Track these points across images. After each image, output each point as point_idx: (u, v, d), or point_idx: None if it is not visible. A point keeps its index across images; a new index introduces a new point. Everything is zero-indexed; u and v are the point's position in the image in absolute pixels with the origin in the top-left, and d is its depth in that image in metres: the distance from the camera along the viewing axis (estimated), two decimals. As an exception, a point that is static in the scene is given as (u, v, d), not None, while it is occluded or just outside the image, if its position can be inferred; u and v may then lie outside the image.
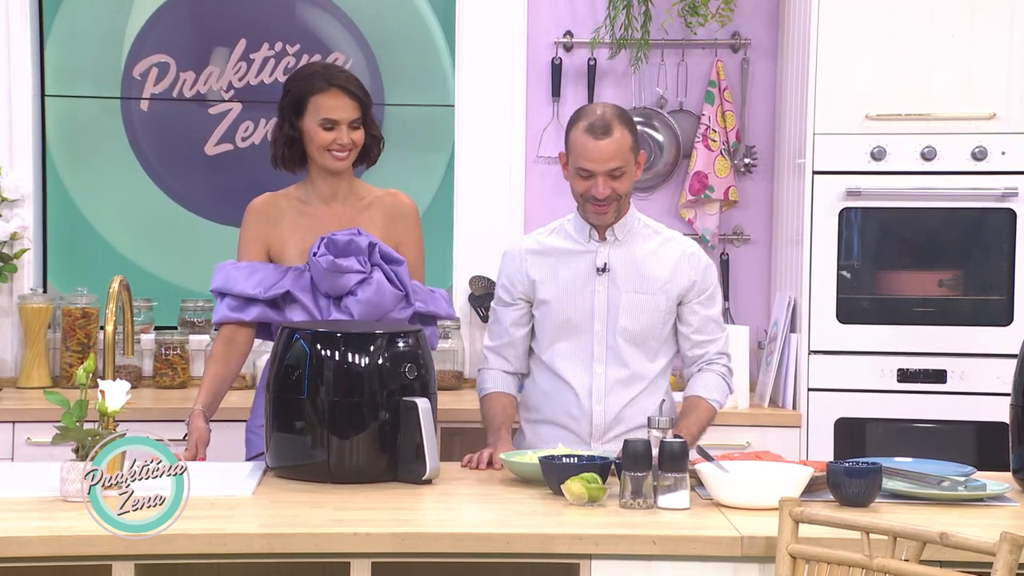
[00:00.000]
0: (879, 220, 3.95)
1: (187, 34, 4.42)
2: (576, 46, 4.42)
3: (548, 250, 3.14)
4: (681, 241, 3.17)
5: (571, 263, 3.11)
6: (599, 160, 2.98)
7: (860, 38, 3.87)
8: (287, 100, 3.13)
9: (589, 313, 3.10)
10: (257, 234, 3.17)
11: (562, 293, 3.11)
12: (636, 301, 3.08)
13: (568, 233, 3.14)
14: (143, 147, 4.45)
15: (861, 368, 3.91)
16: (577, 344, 3.10)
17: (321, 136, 3.08)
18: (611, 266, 3.09)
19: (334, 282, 3.08)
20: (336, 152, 3.11)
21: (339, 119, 3.08)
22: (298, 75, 3.17)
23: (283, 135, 3.13)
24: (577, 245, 3.12)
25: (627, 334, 3.09)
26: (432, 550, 2.41)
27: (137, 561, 2.36)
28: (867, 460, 2.76)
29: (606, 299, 3.09)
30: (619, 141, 2.99)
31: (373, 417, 2.79)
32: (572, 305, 3.10)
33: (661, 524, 2.49)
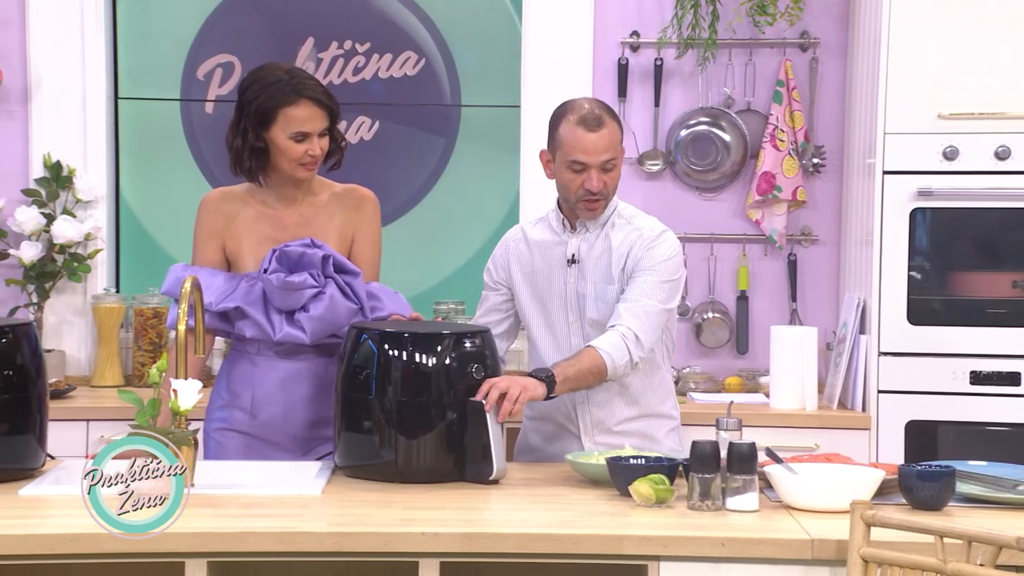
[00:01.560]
0: (951, 220, 3.90)
1: (252, 32, 4.45)
2: (643, 46, 4.40)
3: (529, 240, 3.15)
4: (646, 228, 3.07)
5: (547, 254, 3.12)
6: (594, 152, 2.98)
7: (932, 36, 3.82)
8: (251, 110, 2.97)
9: (562, 304, 3.10)
10: (212, 231, 3.06)
11: (538, 284, 3.12)
12: (601, 292, 3.07)
13: (549, 224, 3.15)
14: (202, 149, 4.49)
15: (932, 370, 3.86)
16: (556, 335, 3.11)
17: (293, 149, 2.96)
18: (580, 257, 3.08)
19: (286, 298, 2.97)
20: (307, 163, 2.99)
21: (310, 131, 2.97)
22: (261, 83, 2.98)
23: (247, 146, 2.98)
24: (553, 236, 3.12)
25: (596, 325, 3.07)
26: (500, 550, 2.41)
27: (210, 559, 2.39)
28: (940, 463, 2.72)
29: (576, 290, 3.09)
30: (611, 133, 2.99)
31: (440, 417, 2.80)
32: (548, 296, 3.11)
33: (730, 526, 2.48)
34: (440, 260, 4.51)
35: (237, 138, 3.01)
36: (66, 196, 4.31)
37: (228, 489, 2.70)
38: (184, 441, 2.66)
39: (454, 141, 4.50)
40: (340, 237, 3.10)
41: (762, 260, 4.42)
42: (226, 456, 3.04)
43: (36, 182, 4.32)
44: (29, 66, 4.32)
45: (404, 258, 4.43)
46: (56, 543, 2.36)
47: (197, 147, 4.51)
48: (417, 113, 4.48)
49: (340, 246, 3.09)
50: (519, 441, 3.23)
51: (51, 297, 4.31)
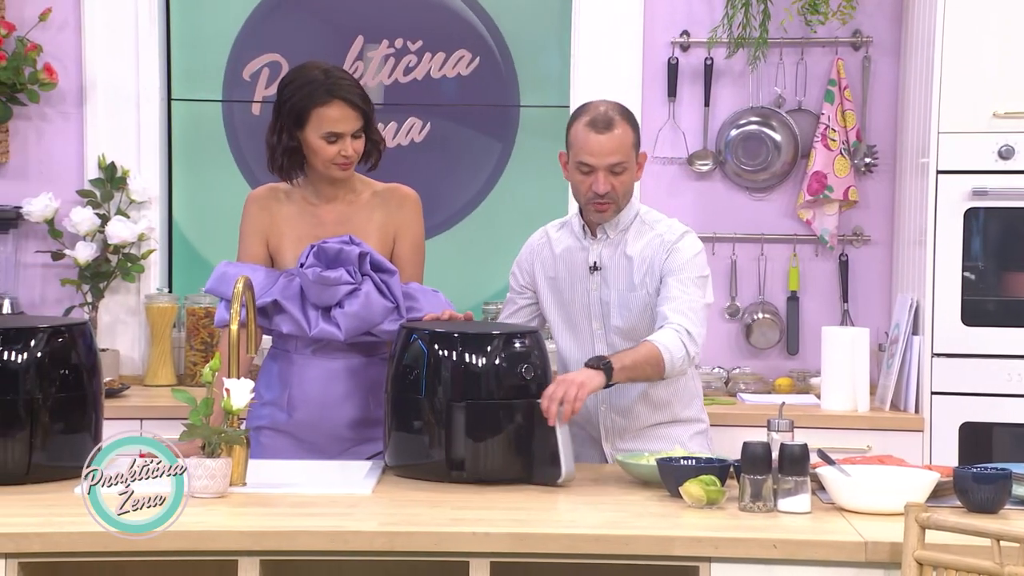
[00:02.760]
0: (1006, 220, 3.85)
1: (301, 31, 4.45)
2: (693, 46, 4.38)
3: (552, 245, 3.13)
4: (667, 232, 3.05)
5: (569, 260, 3.10)
6: (600, 154, 2.96)
7: (986, 34, 3.78)
8: (287, 109, 3.00)
9: (586, 312, 3.08)
10: (257, 227, 3.08)
11: (562, 291, 3.10)
12: (625, 299, 3.05)
13: (572, 230, 3.13)
14: (243, 151, 4.51)
15: (987, 371, 3.82)
16: (580, 342, 3.09)
17: (325, 150, 2.98)
18: (602, 264, 3.07)
19: (321, 293, 2.98)
20: (341, 163, 3.01)
21: (343, 132, 2.98)
22: (297, 82, 3.01)
23: (282, 146, 3.02)
24: (575, 242, 3.11)
25: (621, 332, 3.06)
26: (550, 550, 2.41)
27: (262, 557, 2.41)
28: (996, 466, 2.69)
29: (599, 298, 3.07)
30: (620, 136, 2.96)
31: (494, 417, 2.79)
32: (571, 303, 3.09)
33: (782, 528, 2.46)
34: (497, 269, 4.49)
35: (273, 136, 3.04)
36: (120, 197, 4.36)
37: (279, 488, 2.72)
38: (236, 440, 2.68)
39: (512, 144, 4.49)
40: (381, 236, 3.11)
41: (813, 260, 4.39)
42: (264, 455, 3.04)
43: (91, 183, 4.36)
44: (84, 68, 4.37)
45: (458, 267, 4.42)
46: (111, 541, 2.39)
47: (239, 148, 4.53)
48: (472, 114, 4.46)
49: (380, 245, 3.09)
50: None
51: (105, 297, 4.36)
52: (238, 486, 2.69)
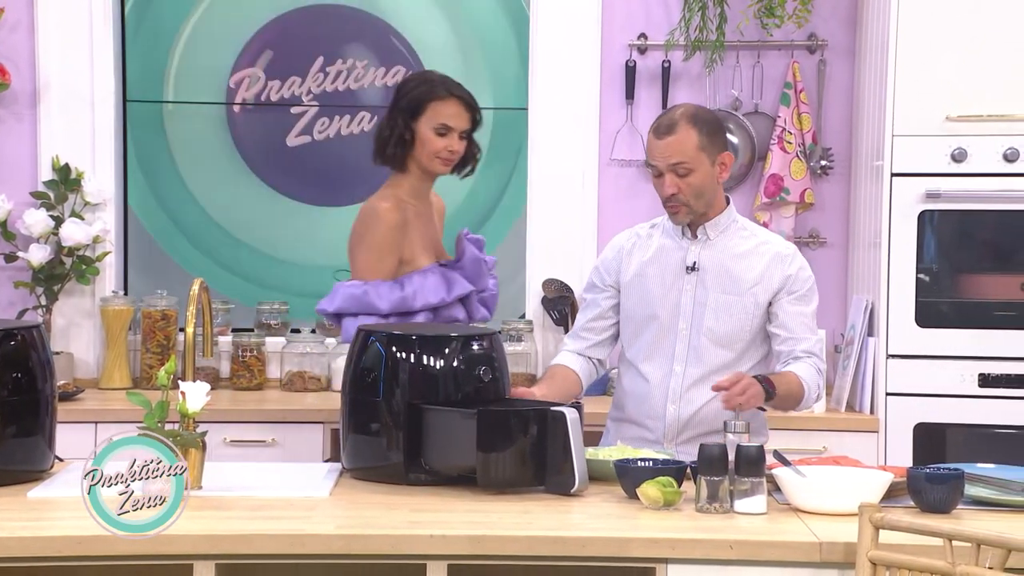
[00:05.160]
0: (959, 223, 3.89)
1: (271, 46, 4.57)
2: (650, 48, 4.40)
3: (644, 244, 3.17)
4: (776, 243, 3.16)
5: (662, 259, 3.13)
6: (660, 156, 3.03)
7: (940, 38, 3.82)
8: (404, 102, 3.24)
9: (675, 311, 3.10)
10: (399, 240, 3.22)
11: (650, 288, 3.12)
12: (724, 302, 3.08)
13: (666, 229, 3.17)
14: (201, 152, 4.55)
15: (941, 373, 3.85)
16: (660, 341, 3.11)
17: (434, 141, 3.20)
18: (700, 265, 3.10)
19: (487, 279, 3.33)
20: (444, 159, 3.23)
21: (454, 127, 3.21)
22: (416, 80, 3.29)
23: (395, 135, 3.23)
24: (671, 242, 3.14)
25: (712, 335, 3.08)
26: (508, 552, 2.41)
27: (218, 560, 2.39)
28: (949, 466, 2.72)
29: (693, 298, 3.09)
30: (681, 138, 3.02)
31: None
32: (658, 301, 3.11)
33: (738, 529, 2.47)
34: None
35: (386, 127, 3.26)
36: (74, 199, 4.32)
37: (236, 491, 2.70)
38: (192, 443, 2.67)
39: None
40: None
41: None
42: None
43: (45, 184, 4.32)
44: (38, 69, 4.33)
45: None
46: (64, 545, 2.37)
47: (197, 150, 4.55)
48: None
49: None
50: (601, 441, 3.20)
51: (59, 300, 4.32)
52: (194, 489, 2.67)
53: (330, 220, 4.57)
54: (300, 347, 4.31)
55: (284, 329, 4.42)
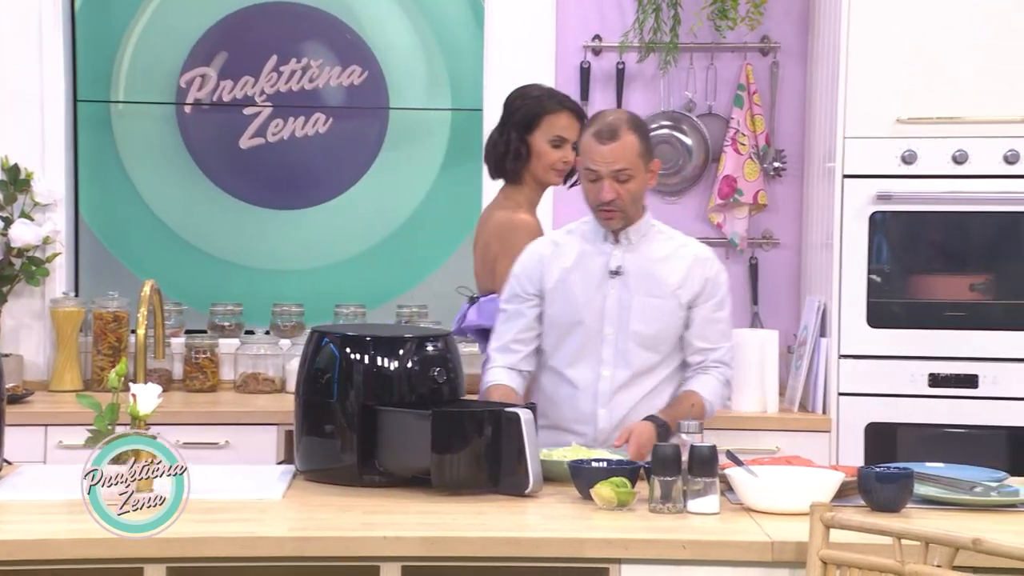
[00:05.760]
0: (910, 224, 3.92)
1: (221, 46, 4.51)
2: (604, 50, 4.41)
3: (563, 251, 3.16)
4: (695, 246, 3.20)
5: (585, 265, 3.13)
6: (603, 162, 3.02)
7: (891, 41, 3.85)
8: (518, 117, 3.39)
9: (600, 315, 3.10)
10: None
11: (575, 294, 3.12)
12: (649, 305, 3.10)
13: (584, 235, 3.16)
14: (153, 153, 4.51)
15: (892, 373, 3.89)
16: (586, 346, 3.11)
17: (550, 154, 3.34)
18: (624, 269, 3.10)
19: None
20: (559, 170, 3.32)
21: (568, 138, 3.34)
22: (526, 95, 3.43)
23: (511, 150, 3.38)
24: (591, 247, 3.14)
25: (639, 337, 3.10)
26: (462, 554, 2.41)
27: (169, 564, 2.37)
28: (898, 465, 2.74)
29: (617, 302, 3.10)
30: (625, 145, 3.03)
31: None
32: (583, 307, 3.11)
33: (691, 529, 2.49)
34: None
35: (500, 144, 3.40)
36: (24, 199, 4.27)
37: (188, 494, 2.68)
38: (143, 446, 2.64)
39: (385, 141, 4.52)
40: None
41: (723, 263, 4.39)
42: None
43: (-7, 185, 4.28)
44: (-14, 68, 4.29)
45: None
46: (14, 549, 2.34)
47: (134, 152, 4.50)
48: (362, 115, 4.53)
49: None
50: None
51: (8, 301, 4.27)
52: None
53: (284, 224, 4.53)
54: (254, 349, 4.29)
55: (238, 331, 4.39)
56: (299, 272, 4.54)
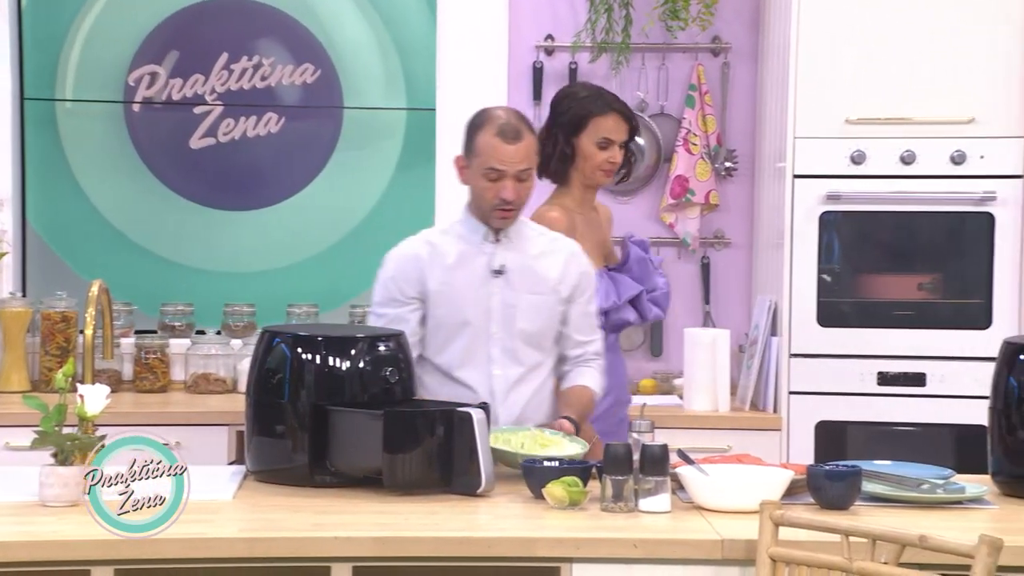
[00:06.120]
0: (859, 224, 3.96)
1: (175, 46, 4.47)
2: (557, 50, 4.42)
3: (441, 252, 3.13)
4: (565, 241, 3.22)
5: (467, 265, 3.12)
6: (511, 162, 3.02)
7: (840, 42, 3.89)
8: (565, 119, 3.41)
9: (486, 315, 3.10)
10: None
11: (459, 295, 3.10)
12: (533, 302, 3.11)
13: (461, 235, 3.14)
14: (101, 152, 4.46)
15: (841, 371, 3.92)
16: (474, 346, 3.10)
17: (596, 155, 3.36)
18: (507, 268, 3.11)
19: (656, 279, 3.45)
20: (606, 170, 3.37)
21: (615, 139, 3.38)
22: (573, 97, 3.45)
23: (557, 151, 3.39)
24: (470, 247, 3.13)
25: (524, 335, 3.11)
26: (413, 554, 2.41)
27: (117, 566, 2.35)
28: (847, 463, 2.77)
29: (502, 300, 3.10)
30: (528, 144, 3.05)
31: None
32: (469, 307, 3.10)
33: (642, 527, 2.50)
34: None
35: (546, 145, 3.39)
36: (-31, 198, 4.23)
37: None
38: (91, 447, 2.61)
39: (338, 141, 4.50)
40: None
41: (676, 263, 4.46)
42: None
43: (-61, 184, 4.23)
44: (-70, 65, 4.23)
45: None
46: (-42, 553, 2.31)
47: (81, 152, 4.46)
48: (316, 114, 4.50)
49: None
50: None
51: (-45, 301, 4.22)
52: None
53: (236, 225, 4.49)
54: (205, 349, 4.26)
55: (188, 331, 4.36)
56: (251, 274, 4.50)
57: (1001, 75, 3.85)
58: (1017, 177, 3.88)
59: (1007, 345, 2.83)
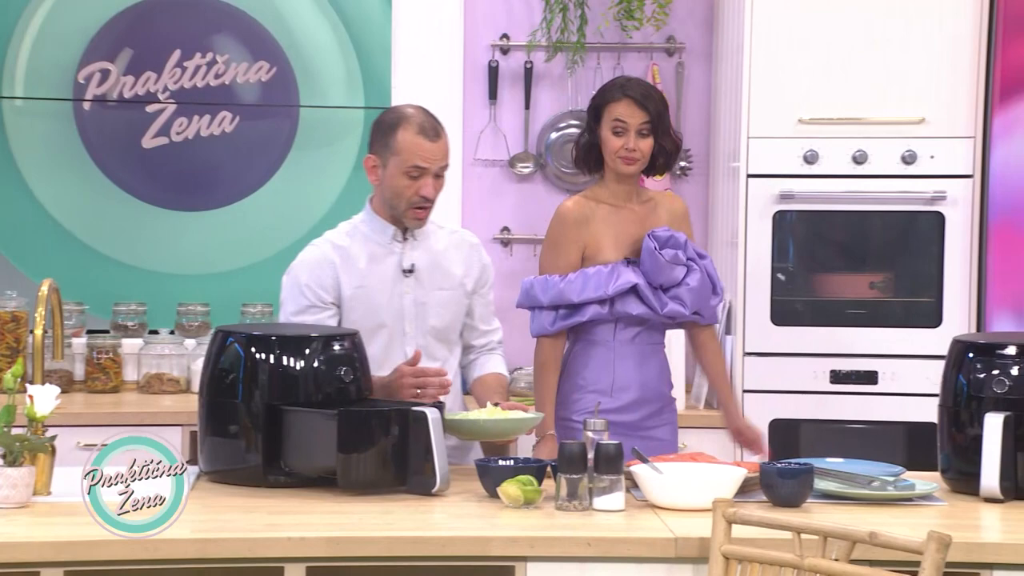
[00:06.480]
0: (812, 223, 3.99)
1: (124, 41, 4.40)
2: (513, 49, 4.42)
3: (351, 255, 3.12)
4: (464, 234, 3.27)
5: (378, 266, 3.12)
6: (433, 159, 3.05)
7: (793, 43, 3.92)
8: (590, 110, 3.34)
9: (400, 315, 3.11)
10: (577, 238, 3.24)
11: (374, 297, 3.10)
12: (442, 298, 3.14)
13: (366, 235, 3.14)
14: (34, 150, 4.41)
15: (795, 370, 3.95)
16: (391, 347, 3.11)
17: (612, 141, 3.25)
18: (416, 266, 3.13)
19: (670, 273, 3.23)
20: (623, 157, 3.23)
21: (628, 124, 3.24)
22: (601, 88, 3.36)
23: (585, 141, 3.33)
24: (379, 248, 3.13)
25: (436, 332, 3.14)
26: (367, 554, 2.40)
27: (67, 568, 2.33)
28: (799, 461, 2.79)
29: (414, 299, 3.12)
30: (446, 141, 3.09)
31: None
32: (384, 308, 3.11)
33: (596, 526, 2.50)
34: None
35: (581, 136, 3.34)
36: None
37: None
38: (40, 448, 2.60)
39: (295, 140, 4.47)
40: None
41: (631, 262, 4.47)
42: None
43: None
44: None
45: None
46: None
47: (28, 151, 4.40)
48: (272, 113, 4.46)
49: None
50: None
51: (-98, 301, 4.16)
52: (42, 495, 2.61)
53: (190, 226, 4.44)
54: (158, 348, 4.23)
55: (142, 331, 4.32)
56: (205, 276, 4.44)
57: (951, 76, 3.89)
58: (967, 177, 3.93)
59: (956, 343, 2.86)
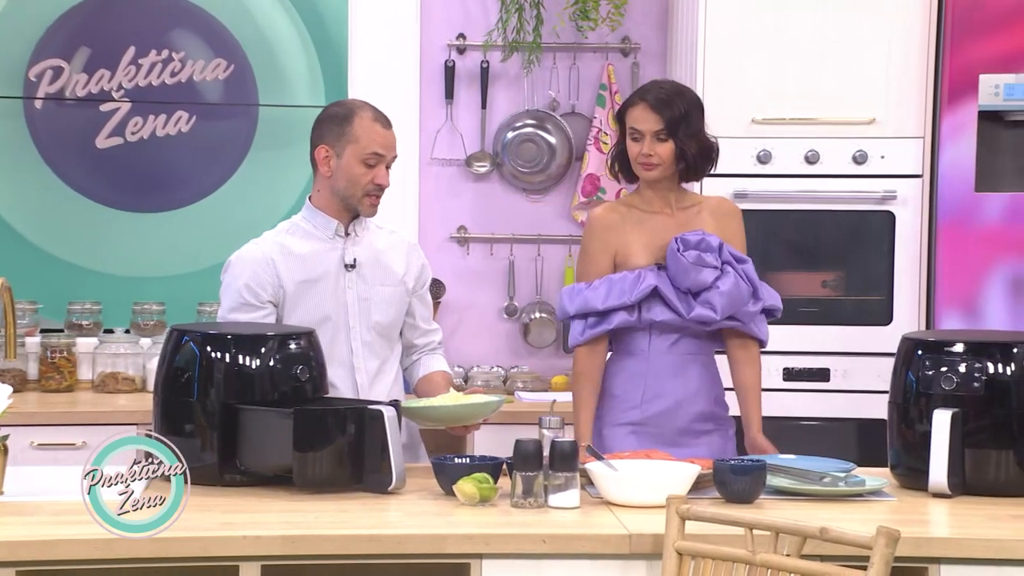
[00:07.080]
0: (765, 222, 4.03)
1: (82, 41, 4.36)
2: (469, 49, 4.44)
3: (292, 251, 3.12)
4: (403, 234, 3.31)
5: (321, 262, 3.13)
6: (390, 146, 3.10)
7: (746, 44, 3.95)
8: (616, 115, 3.31)
9: (344, 310, 3.13)
10: (606, 244, 3.21)
11: (318, 292, 3.11)
12: (385, 294, 3.16)
13: (308, 232, 3.15)
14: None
15: (748, 367, 3.98)
16: (335, 342, 3.11)
17: (631, 147, 3.22)
18: (359, 262, 3.14)
19: (696, 277, 3.15)
20: (642, 163, 3.18)
21: (643, 130, 3.19)
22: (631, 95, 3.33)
23: (617, 150, 3.29)
24: (321, 244, 3.14)
25: (379, 327, 3.15)
26: (323, 552, 2.40)
27: (19, 568, 2.32)
28: (752, 458, 2.82)
29: (357, 294, 3.14)
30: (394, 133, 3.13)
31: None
32: (329, 303, 3.11)
33: (551, 523, 2.52)
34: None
35: (617, 145, 3.29)
36: None
37: (40, 496, 2.63)
38: (-6, 447, 2.58)
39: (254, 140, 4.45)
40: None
41: (587, 261, 4.49)
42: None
43: None
44: None
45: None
46: None
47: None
48: (230, 112, 4.44)
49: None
50: None
51: None
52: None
53: (146, 228, 4.40)
54: (113, 347, 4.21)
55: (96, 329, 4.29)
56: (161, 279, 4.40)
57: (901, 78, 3.94)
58: (916, 177, 3.98)
59: (905, 341, 2.90)
